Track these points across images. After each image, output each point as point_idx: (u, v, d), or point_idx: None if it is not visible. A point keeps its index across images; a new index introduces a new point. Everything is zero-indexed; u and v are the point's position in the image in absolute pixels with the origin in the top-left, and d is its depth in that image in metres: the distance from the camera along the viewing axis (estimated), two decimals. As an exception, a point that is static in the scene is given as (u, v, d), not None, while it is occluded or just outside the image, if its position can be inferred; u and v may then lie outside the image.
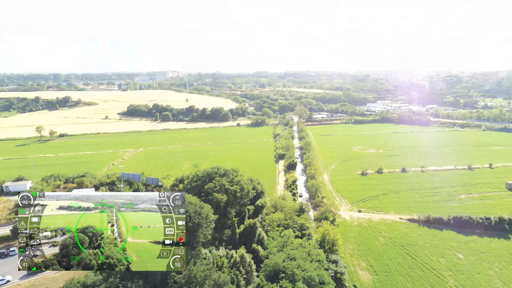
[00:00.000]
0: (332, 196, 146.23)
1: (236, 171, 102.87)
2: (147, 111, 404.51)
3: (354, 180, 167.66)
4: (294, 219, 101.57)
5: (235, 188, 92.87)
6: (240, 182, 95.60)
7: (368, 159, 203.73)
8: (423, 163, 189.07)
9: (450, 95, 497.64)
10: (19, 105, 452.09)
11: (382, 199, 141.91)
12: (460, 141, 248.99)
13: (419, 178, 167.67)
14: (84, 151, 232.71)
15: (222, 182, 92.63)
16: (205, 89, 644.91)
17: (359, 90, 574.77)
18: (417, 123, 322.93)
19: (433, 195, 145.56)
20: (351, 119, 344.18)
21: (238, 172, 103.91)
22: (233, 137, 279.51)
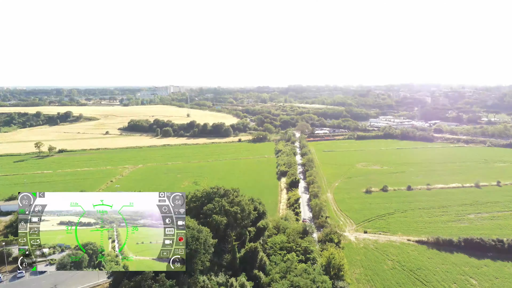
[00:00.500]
0: (336, 216, 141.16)
1: (237, 191, 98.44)
2: (148, 126, 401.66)
3: (359, 198, 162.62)
4: (298, 242, 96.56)
5: (235, 209, 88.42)
6: (240, 202, 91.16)
7: (372, 176, 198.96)
8: (429, 180, 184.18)
9: (452, 111, 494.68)
10: (20, 120, 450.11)
11: (388, 219, 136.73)
12: (465, 158, 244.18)
13: (425, 197, 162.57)
14: (82, 168, 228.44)
15: (222, 203, 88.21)
16: (206, 104, 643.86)
17: (360, 105, 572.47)
18: (420, 139, 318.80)
19: (441, 215, 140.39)
20: (353, 134, 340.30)
21: (239, 192, 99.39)
22: (234, 153, 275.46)
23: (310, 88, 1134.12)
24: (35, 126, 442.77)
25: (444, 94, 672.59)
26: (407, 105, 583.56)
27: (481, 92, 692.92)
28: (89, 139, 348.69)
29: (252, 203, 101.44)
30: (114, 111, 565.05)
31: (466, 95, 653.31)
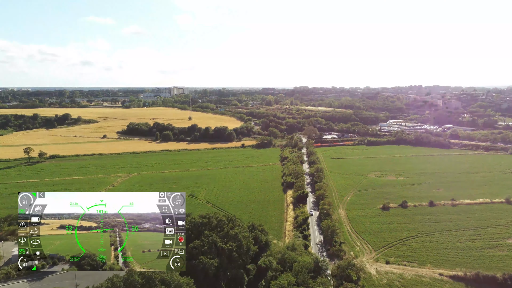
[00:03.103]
0: (351, 239, 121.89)
1: (233, 220, 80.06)
2: (147, 129, 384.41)
3: (375, 216, 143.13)
4: (308, 284, 77.51)
5: (230, 246, 69.96)
6: (237, 236, 72.79)
7: (387, 188, 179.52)
8: (452, 194, 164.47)
9: (466, 114, 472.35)
10: (16, 122, 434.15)
11: (412, 244, 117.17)
12: (488, 167, 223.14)
13: (451, 215, 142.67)
14: (72, 176, 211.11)
15: (213, 238, 69.89)
16: (209, 107, 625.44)
17: (369, 108, 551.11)
18: (435, 145, 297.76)
19: (473, 239, 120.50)
20: (363, 140, 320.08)
21: (235, 220, 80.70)
22: (236, 160, 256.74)
23: (317, 90, 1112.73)
24: (32, 129, 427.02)
25: (456, 97, 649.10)
26: (417, 108, 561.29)
27: (495, 95, 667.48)
28: (85, 143, 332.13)
29: (253, 232, 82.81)
30: (114, 113, 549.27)
31: (479, 98, 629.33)
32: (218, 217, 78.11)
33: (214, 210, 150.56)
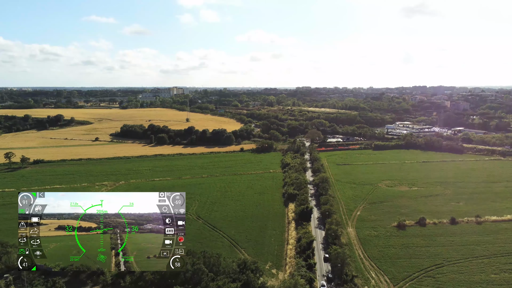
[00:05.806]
0: (364, 269, 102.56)
1: (216, 263, 60.87)
2: (142, 132, 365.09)
3: (390, 237, 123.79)
4: None
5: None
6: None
7: (401, 201, 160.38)
8: (476, 209, 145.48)
9: (476, 116, 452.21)
10: (6, 124, 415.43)
11: (438, 276, 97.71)
12: (509, 175, 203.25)
13: (478, 236, 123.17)
14: (53, 185, 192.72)
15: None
16: (209, 108, 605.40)
17: (374, 110, 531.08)
18: (447, 149, 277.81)
19: (509, 269, 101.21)
20: (370, 143, 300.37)
21: (220, 260, 61.96)
22: (234, 166, 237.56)
23: (319, 90, 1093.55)
24: (22, 130, 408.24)
25: (463, 98, 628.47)
26: (424, 110, 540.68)
27: (504, 96, 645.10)
28: (75, 147, 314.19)
29: (243, 273, 63.70)
30: (109, 114, 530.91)
31: (488, 99, 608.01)
32: (196, 265, 59.33)
33: (205, 228, 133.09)
